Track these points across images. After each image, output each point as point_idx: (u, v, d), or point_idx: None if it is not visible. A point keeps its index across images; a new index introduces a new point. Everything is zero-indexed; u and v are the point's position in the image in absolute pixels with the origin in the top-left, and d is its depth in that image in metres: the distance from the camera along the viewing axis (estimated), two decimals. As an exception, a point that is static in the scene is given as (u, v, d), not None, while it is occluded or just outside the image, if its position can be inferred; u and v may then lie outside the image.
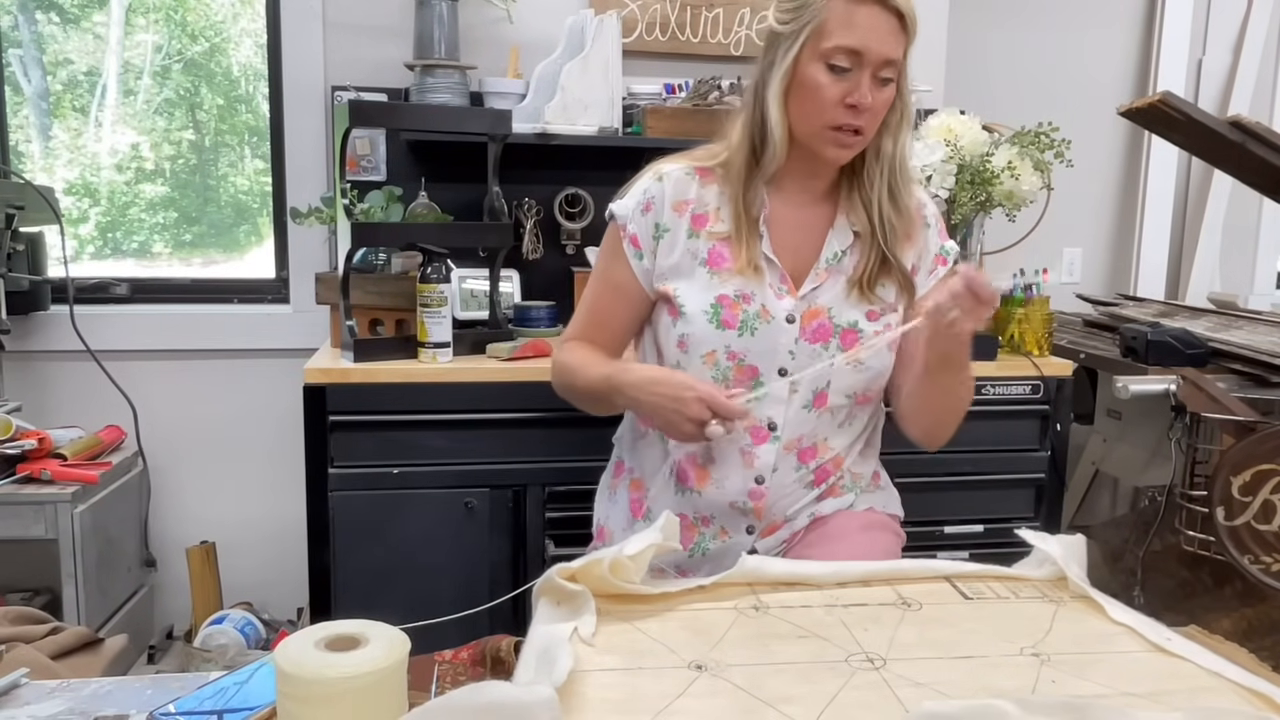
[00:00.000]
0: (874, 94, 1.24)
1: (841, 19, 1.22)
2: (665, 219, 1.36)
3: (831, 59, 1.23)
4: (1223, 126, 2.03)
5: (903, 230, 1.35)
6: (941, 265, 1.41)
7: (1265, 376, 1.98)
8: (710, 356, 1.33)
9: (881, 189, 1.33)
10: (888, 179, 1.33)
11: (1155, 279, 3.11)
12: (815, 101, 1.25)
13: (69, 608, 2.06)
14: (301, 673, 0.73)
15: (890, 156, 1.32)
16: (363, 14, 2.41)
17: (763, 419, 1.34)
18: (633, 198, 1.38)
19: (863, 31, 1.22)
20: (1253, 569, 1.79)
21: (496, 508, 1.96)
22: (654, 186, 1.37)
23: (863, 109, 1.24)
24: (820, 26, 1.23)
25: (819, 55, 1.24)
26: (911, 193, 1.39)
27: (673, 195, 1.36)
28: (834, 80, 1.24)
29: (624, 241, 1.38)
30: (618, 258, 1.39)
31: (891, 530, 1.45)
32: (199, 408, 2.52)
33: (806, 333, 1.33)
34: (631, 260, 1.38)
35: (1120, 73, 3.06)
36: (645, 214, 1.37)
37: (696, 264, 1.35)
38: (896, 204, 1.33)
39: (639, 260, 1.37)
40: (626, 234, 1.37)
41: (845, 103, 1.24)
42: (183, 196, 2.67)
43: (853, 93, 1.23)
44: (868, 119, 1.26)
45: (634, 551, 0.92)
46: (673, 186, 1.36)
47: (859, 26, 1.22)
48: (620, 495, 1.49)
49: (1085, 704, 0.71)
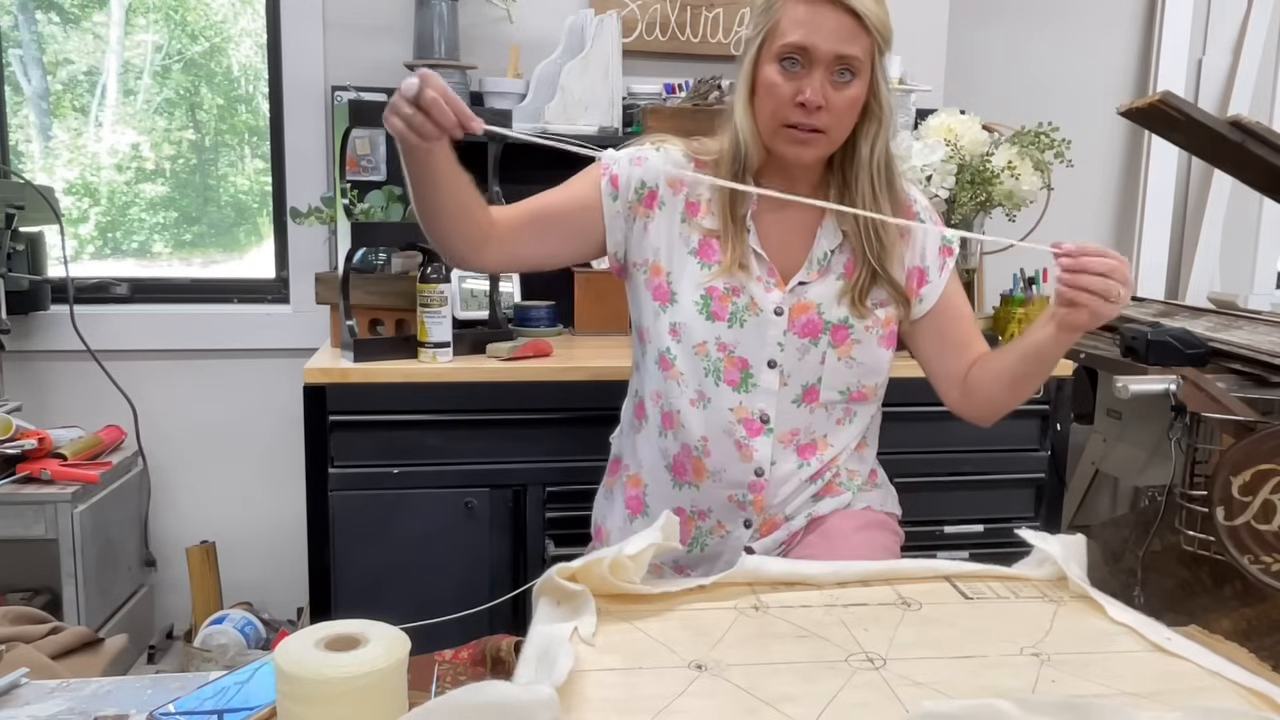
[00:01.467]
0: (829, 92, 1.25)
1: (793, 18, 1.25)
2: (662, 189, 1.37)
3: (783, 56, 1.26)
4: (1223, 126, 2.03)
5: (889, 238, 1.35)
6: (949, 256, 1.42)
7: (1265, 376, 1.98)
8: (701, 348, 1.34)
9: (867, 194, 1.33)
10: (869, 185, 1.33)
11: (1155, 279, 3.11)
12: (769, 100, 1.28)
13: (69, 607, 2.06)
14: (301, 672, 0.73)
15: (867, 162, 1.32)
16: (363, 14, 2.41)
17: (755, 411, 1.34)
18: (625, 151, 1.39)
19: (811, 29, 1.24)
20: (1252, 569, 1.79)
21: (496, 508, 1.96)
22: (650, 151, 1.38)
23: (811, 106, 1.25)
24: (774, 27, 1.26)
25: (772, 55, 1.27)
26: (899, 199, 1.38)
27: (672, 165, 1.37)
28: (786, 79, 1.26)
29: (603, 179, 1.37)
30: (589, 182, 1.38)
31: (890, 529, 1.46)
32: (199, 408, 2.52)
33: (795, 326, 1.34)
34: (604, 197, 1.36)
35: (1120, 73, 3.06)
36: (633, 166, 1.37)
37: (687, 252, 1.36)
38: (880, 210, 1.32)
39: (612, 200, 1.36)
40: (607, 173, 1.37)
41: (795, 100, 1.26)
42: (183, 196, 2.67)
43: (803, 90, 1.25)
44: (825, 118, 1.26)
45: (634, 551, 0.92)
46: (671, 160, 1.37)
47: (807, 24, 1.24)
48: (617, 494, 1.49)
49: (1085, 704, 0.71)
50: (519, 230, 1.36)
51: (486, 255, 1.35)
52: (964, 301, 1.44)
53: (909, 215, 1.39)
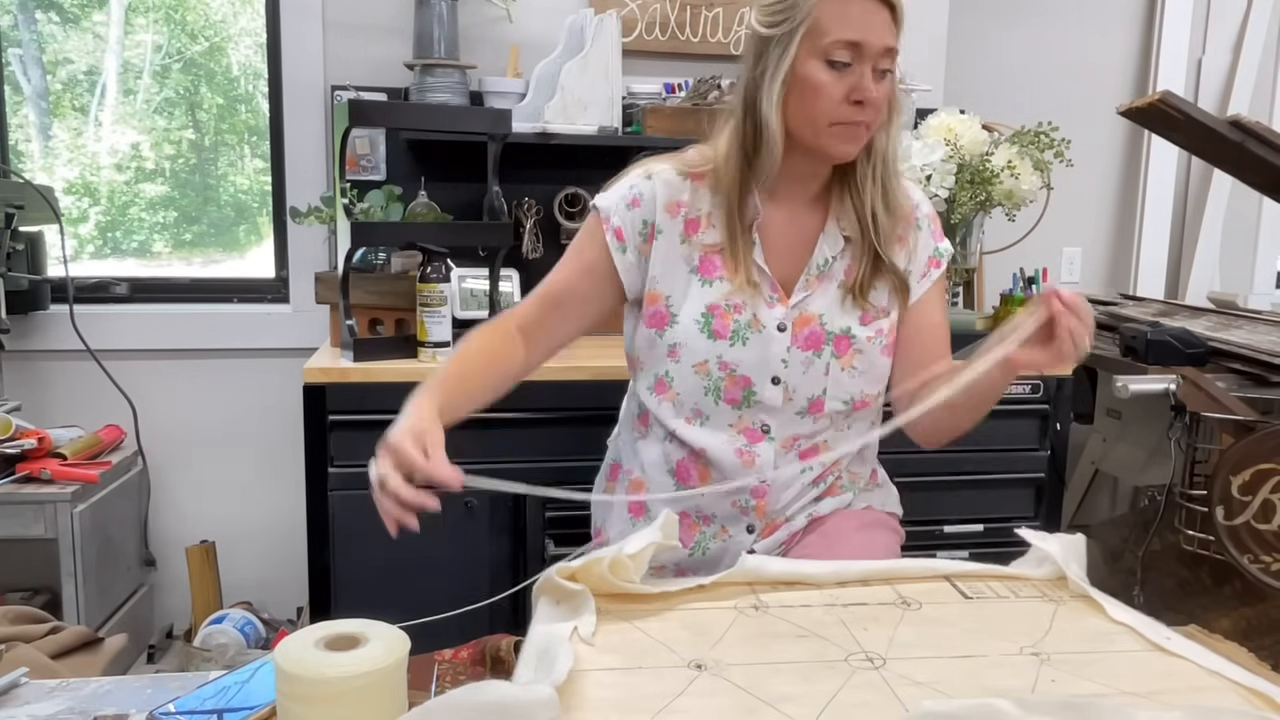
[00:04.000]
0: (874, 86, 1.23)
1: (835, 14, 1.21)
2: (659, 219, 1.33)
3: (831, 55, 1.22)
4: (1223, 126, 2.03)
5: (893, 231, 1.34)
6: (935, 268, 1.40)
7: (1265, 376, 1.98)
8: (702, 366, 1.31)
9: (875, 189, 1.31)
10: (881, 177, 1.31)
11: (1155, 278, 3.11)
12: (818, 101, 1.23)
13: (69, 607, 2.06)
14: (301, 672, 0.73)
15: (883, 152, 1.31)
16: (362, 13, 2.41)
17: (756, 423, 1.34)
18: (617, 192, 1.35)
19: (859, 24, 1.21)
20: (1252, 568, 1.79)
21: (496, 508, 1.96)
22: (642, 184, 1.34)
23: (869, 103, 1.23)
24: (815, 24, 1.22)
25: (817, 53, 1.22)
26: (905, 192, 1.38)
27: (665, 196, 1.33)
28: (836, 77, 1.22)
29: (606, 234, 1.34)
30: (594, 244, 1.35)
31: (890, 528, 1.45)
32: (199, 407, 2.52)
33: (799, 340, 1.32)
34: (614, 253, 1.34)
35: (1120, 73, 3.06)
36: (631, 209, 1.34)
37: (688, 271, 1.33)
38: (889, 202, 1.32)
39: (621, 254, 1.34)
40: (610, 227, 1.34)
41: (850, 99, 1.22)
42: (182, 196, 2.67)
43: (857, 87, 1.22)
44: (870, 112, 1.25)
45: (634, 550, 0.92)
46: (664, 187, 1.33)
47: (854, 19, 1.21)
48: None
49: (1085, 703, 0.71)
50: (543, 326, 1.36)
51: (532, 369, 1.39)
52: (941, 321, 1.40)
53: (909, 217, 1.38)
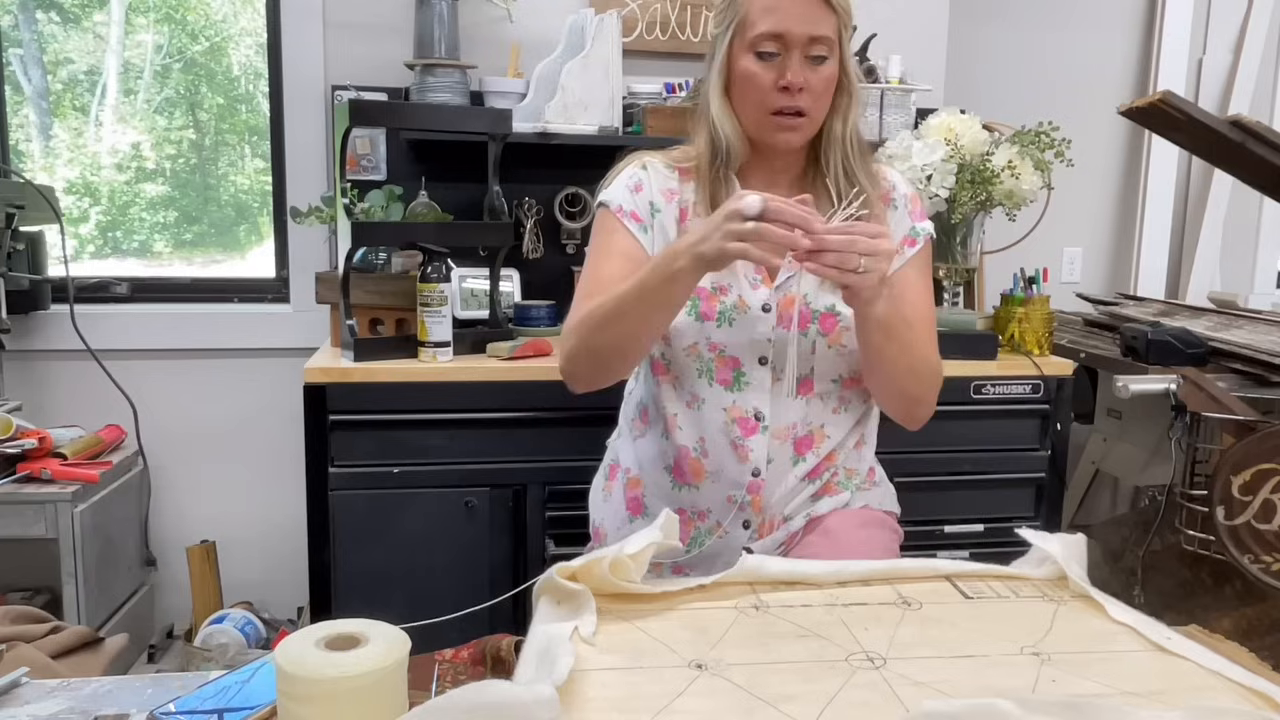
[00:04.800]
0: (808, 74, 1.28)
1: (761, 7, 1.28)
2: (658, 201, 1.38)
3: (759, 47, 1.28)
4: (1223, 126, 2.03)
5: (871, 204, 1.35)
6: (910, 246, 1.41)
7: (1265, 376, 1.98)
8: (693, 349, 1.35)
9: (838, 172, 1.35)
10: (841, 161, 1.35)
11: (1155, 278, 3.11)
12: (751, 90, 1.30)
13: (69, 607, 2.06)
14: (302, 672, 0.73)
15: (841, 138, 1.35)
16: (363, 13, 2.42)
17: (749, 409, 1.35)
18: (620, 184, 1.39)
19: (781, 15, 1.27)
20: (1253, 568, 1.79)
21: (496, 507, 1.96)
22: (639, 172, 1.40)
23: (794, 89, 1.27)
24: (744, 19, 1.29)
25: (746, 46, 1.29)
26: (882, 174, 1.41)
27: (659, 183, 1.38)
28: (764, 67, 1.29)
29: (624, 220, 1.37)
30: (617, 233, 1.38)
31: (889, 527, 1.45)
32: (199, 407, 2.52)
33: (784, 320, 1.34)
34: (637, 234, 1.37)
35: (1120, 73, 3.06)
36: (636, 194, 1.38)
37: None
38: (853, 185, 1.34)
39: (644, 234, 1.37)
40: (625, 213, 1.37)
41: (778, 86, 1.28)
42: (183, 196, 2.67)
43: (784, 75, 1.27)
44: (806, 99, 1.29)
45: (634, 550, 0.92)
46: (658, 175, 1.39)
47: (778, 10, 1.27)
48: (615, 496, 1.49)
49: (1085, 703, 0.71)
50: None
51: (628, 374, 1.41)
52: (917, 299, 1.38)
53: (885, 198, 1.40)
